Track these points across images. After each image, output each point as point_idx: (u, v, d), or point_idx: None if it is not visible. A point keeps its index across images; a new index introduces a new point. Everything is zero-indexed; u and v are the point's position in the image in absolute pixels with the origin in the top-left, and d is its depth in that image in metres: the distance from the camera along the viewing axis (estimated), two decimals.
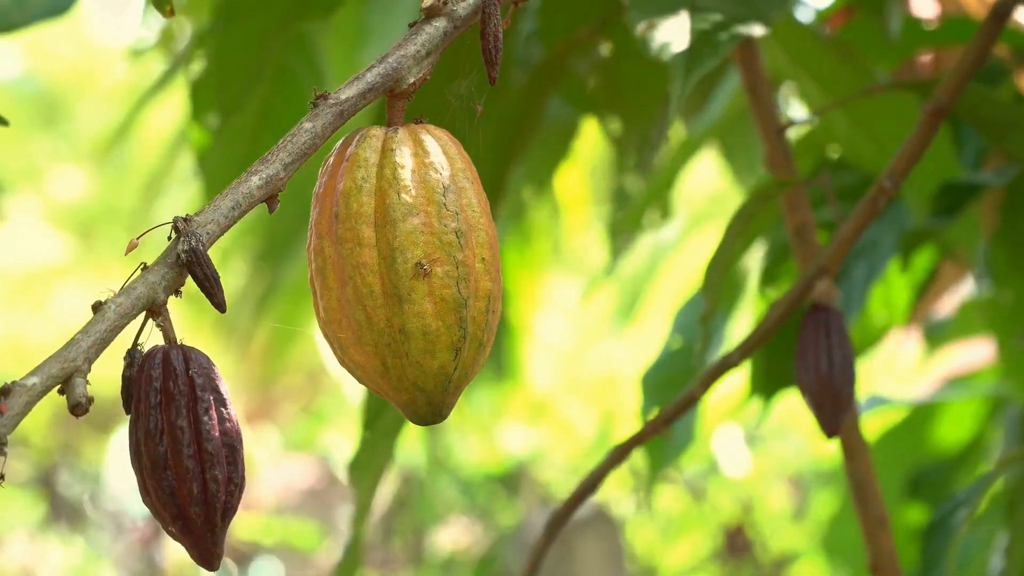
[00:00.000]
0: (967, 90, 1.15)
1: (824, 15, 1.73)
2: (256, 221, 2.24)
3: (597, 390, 4.73)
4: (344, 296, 0.78)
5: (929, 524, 1.45)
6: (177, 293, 0.72)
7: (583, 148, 2.22)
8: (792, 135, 1.73)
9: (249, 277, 2.18)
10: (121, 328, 0.69)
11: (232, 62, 1.51)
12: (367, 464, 1.42)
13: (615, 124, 1.78)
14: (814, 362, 1.11)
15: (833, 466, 2.96)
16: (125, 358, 0.72)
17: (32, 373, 0.67)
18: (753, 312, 1.75)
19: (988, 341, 2.22)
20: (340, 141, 0.81)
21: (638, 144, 1.80)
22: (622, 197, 1.90)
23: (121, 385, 0.72)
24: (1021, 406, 1.96)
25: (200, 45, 1.56)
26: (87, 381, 0.67)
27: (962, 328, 2.15)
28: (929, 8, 1.71)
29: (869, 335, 1.72)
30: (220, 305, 0.72)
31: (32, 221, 5.89)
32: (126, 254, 0.73)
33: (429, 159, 0.78)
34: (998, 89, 1.60)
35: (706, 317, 1.19)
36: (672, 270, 2.87)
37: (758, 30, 1.17)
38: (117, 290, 0.71)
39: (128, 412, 0.72)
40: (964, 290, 2.09)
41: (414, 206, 0.77)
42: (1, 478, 0.65)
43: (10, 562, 5.66)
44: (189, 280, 0.73)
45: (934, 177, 1.46)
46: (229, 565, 5.43)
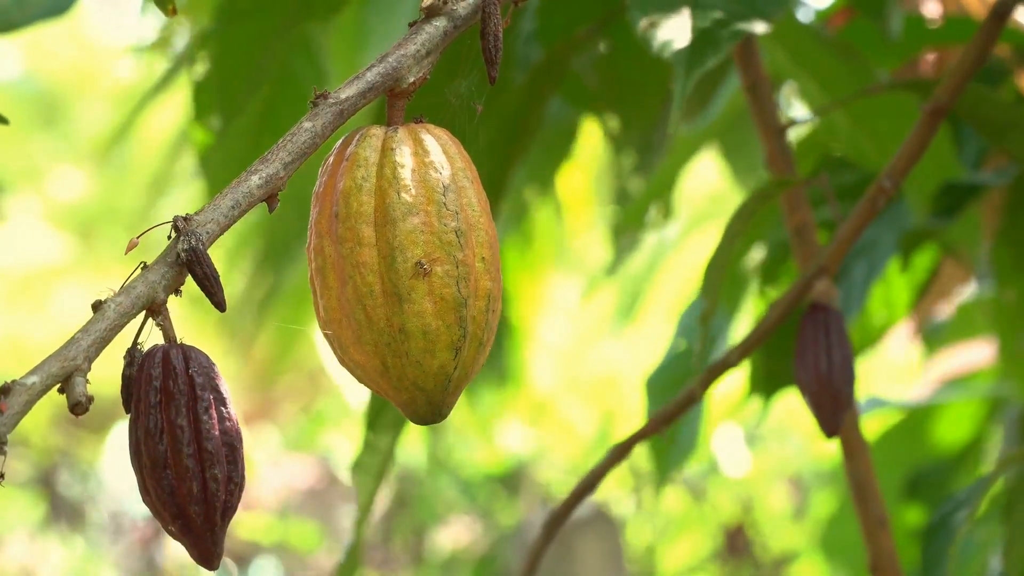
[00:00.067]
0: (967, 90, 1.15)
1: (824, 15, 1.73)
2: (260, 223, 2.24)
3: (597, 390, 4.72)
4: (344, 295, 0.78)
5: (930, 525, 1.45)
6: (177, 292, 0.72)
7: (586, 149, 2.22)
8: (793, 136, 1.73)
9: (251, 279, 2.18)
10: (121, 327, 0.69)
11: (234, 63, 1.51)
12: (369, 465, 1.42)
13: (615, 123, 1.78)
14: (813, 361, 1.11)
15: (833, 466, 2.96)
16: (125, 357, 0.72)
17: (32, 372, 0.67)
18: (754, 312, 1.74)
19: (986, 343, 2.22)
20: (340, 140, 0.81)
21: (639, 144, 1.80)
22: (624, 198, 1.90)
23: (121, 384, 0.72)
24: (1021, 406, 1.96)
25: (202, 46, 1.56)
26: (87, 380, 0.67)
27: (960, 330, 2.15)
28: (932, 7, 1.71)
29: (869, 335, 1.72)
30: (220, 304, 0.72)
31: (32, 221, 5.89)
32: (126, 253, 0.73)
33: (429, 158, 0.78)
34: (998, 89, 1.60)
35: (705, 317, 1.19)
36: (672, 270, 2.86)
37: (760, 27, 1.17)
38: (117, 289, 0.71)
39: (128, 411, 0.72)
40: (965, 292, 2.08)
41: (414, 205, 0.77)
42: (1, 477, 0.65)
43: (10, 562, 5.65)
44: (191, 282, 0.73)
45: (934, 177, 1.46)
46: (229, 565, 5.43)
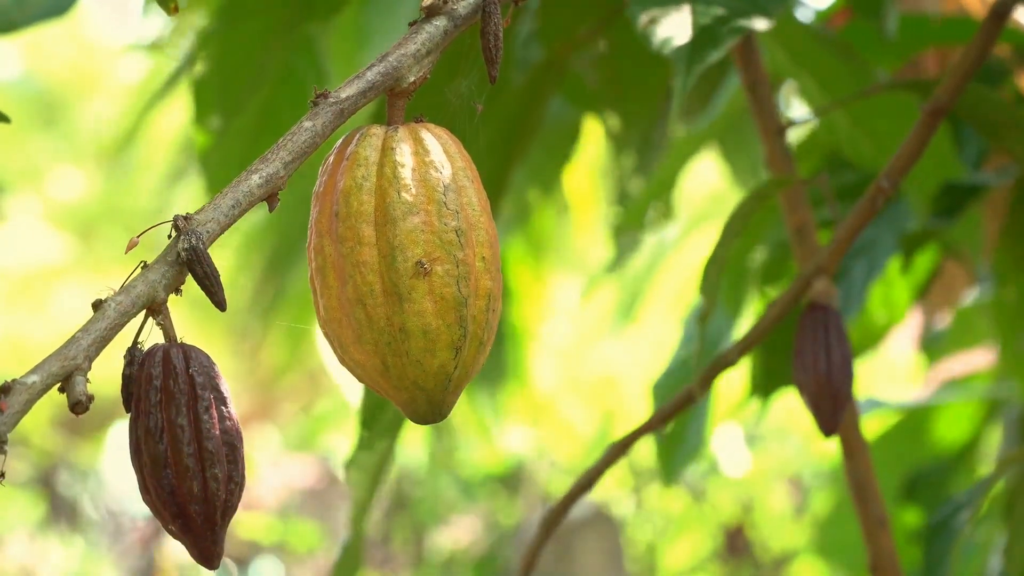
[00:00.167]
0: (967, 90, 1.15)
1: (824, 15, 1.73)
2: (267, 226, 2.24)
3: (597, 390, 4.72)
4: (344, 295, 0.78)
5: (931, 525, 1.45)
6: (177, 291, 0.72)
7: (591, 148, 2.22)
8: (795, 137, 1.73)
9: (259, 281, 2.18)
10: (121, 326, 0.69)
11: (235, 63, 1.51)
12: (365, 463, 1.42)
13: (616, 123, 1.78)
14: (812, 361, 1.11)
15: (833, 466, 2.96)
16: (125, 356, 0.72)
17: (32, 371, 0.67)
18: (756, 313, 1.74)
19: (986, 349, 2.22)
20: (340, 140, 0.81)
21: (639, 144, 1.80)
22: (624, 197, 1.90)
23: (121, 383, 0.72)
24: (1021, 407, 1.96)
25: (203, 46, 1.56)
26: (87, 379, 0.67)
27: (960, 336, 2.14)
28: (934, 6, 1.71)
29: (870, 335, 1.72)
30: (220, 304, 0.72)
31: (32, 221, 5.90)
32: (126, 252, 0.73)
33: (429, 158, 0.78)
34: (998, 89, 1.60)
35: (704, 316, 1.19)
36: (672, 270, 2.86)
37: (760, 24, 1.17)
38: (117, 288, 0.71)
39: (128, 410, 0.72)
40: (969, 295, 2.08)
41: (414, 205, 0.77)
42: (1, 476, 0.65)
43: (10, 562, 5.65)
44: (196, 286, 0.72)
45: (935, 177, 1.46)
46: (229, 565, 5.43)
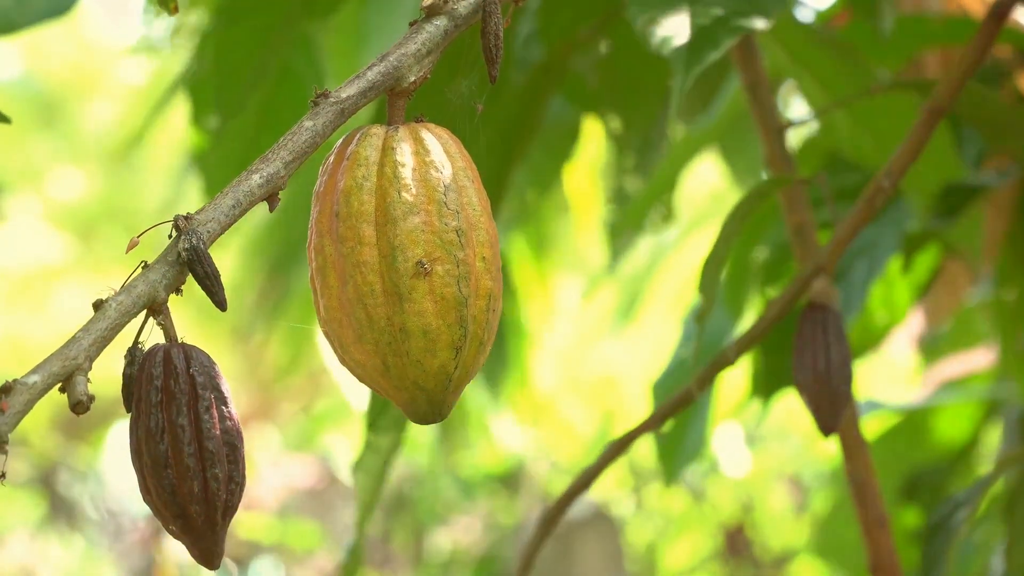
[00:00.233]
0: (967, 90, 1.15)
1: (825, 16, 1.73)
2: (273, 227, 2.24)
3: (597, 390, 4.72)
4: (345, 295, 0.78)
5: (930, 525, 1.44)
6: (178, 291, 0.72)
7: (591, 148, 2.22)
8: (796, 138, 1.73)
9: (263, 284, 2.18)
10: (122, 326, 0.69)
11: (234, 62, 1.51)
12: (370, 466, 1.42)
13: (615, 123, 1.78)
14: (811, 361, 1.11)
15: (833, 466, 2.95)
16: (126, 356, 0.72)
17: (33, 371, 0.67)
18: (755, 312, 1.74)
19: (985, 349, 2.22)
20: (341, 140, 0.81)
21: (638, 144, 1.80)
22: (622, 197, 1.90)
23: (122, 383, 0.72)
24: (1021, 407, 1.95)
25: (201, 45, 1.56)
26: (88, 379, 0.67)
27: (958, 338, 2.14)
28: (938, 6, 1.71)
29: (871, 336, 1.72)
30: (221, 303, 0.72)
31: (32, 221, 5.89)
32: (127, 252, 0.73)
33: (430, 158, 0.78)
34: (999, 89, 1.60)
35: (702, 315, 1.19)
36: (671, 269, 2.86)
37: (759, 24, 1.17)
38: (118, 288, 0.71)
39: (129, 410, 0.72)
40: (973, 295, 2.08)
41: (415, 205, 0.77)
42: (2, 476, 0.65)
43: (10, 562, 5.65)
44: (196, 285, 0.72)
45: (936, 178, 1.46)
46: (229, 565, 5.43)
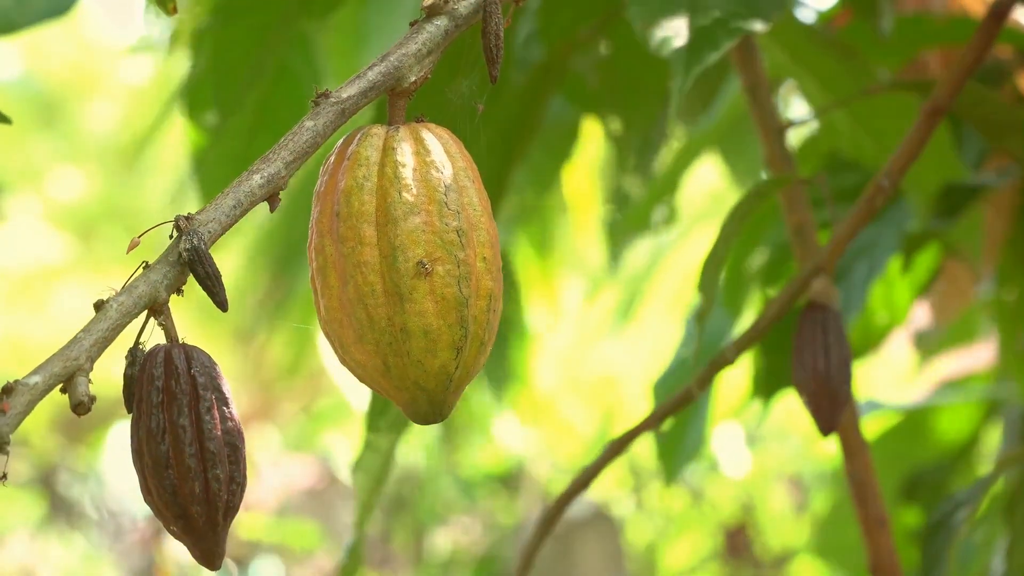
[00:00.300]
0: (967, 90, 1.15)
1: (826, 16, 1.73)
2: (277, 228, 2.23)
3: (597, 389, 4.72)
4: (345, 295, 0.78)
5: (930, 525, 1.44)
6: (179, 292, 0.72)
7: (591, 148, 2.22)
8: (796, 138, 1.73)
9: (267, 285, 2.18)
10: (123, 327, 0.69)
11: (231, 61, 1.51)
12: (370, 466, 1.42)
13: (615, 123, 1.78)
14: (811, 360, 1.11)
15: (833, 466, 2.96)
16: (127, 357, 0.72)
17: (34, 372, 0.67)
18: (755, 312, 1.74)
19: (982, 348, 2.22)
20: (341, 140, 0.81)
21: (638, 145, 1.80)
22: (621, 197, 1.90)
23: (123, 384, 0.72)
24: (1021, 406, 1.95)
25: (199, 43, 1.55)
26: (89, 380, 0.67)
27: (955, 336, 2.14)
28: (941, 5, 1.70)
29: (870, 336, 1.72)
30: (222, 304, 0.72)
31: (32, 221, 5.89)
32: (128, 252, 0.73)
33: (430, 158, 0.78)
34: (1000, 90, 1.60)
35: (701, 314, 1.19)
36: (671, 269, 2.86)
37: (758, 26, 1.17)
38: (119, 289, 0.71)
39: (130, 411, 0.72)
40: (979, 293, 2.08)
41: (415, 205, 0.77)
42: (4, 477, 0.64)
43: (10, 562, 5.65)
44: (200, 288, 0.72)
45: (935, 177, 1.46)
46: (229, 565, 5.43)
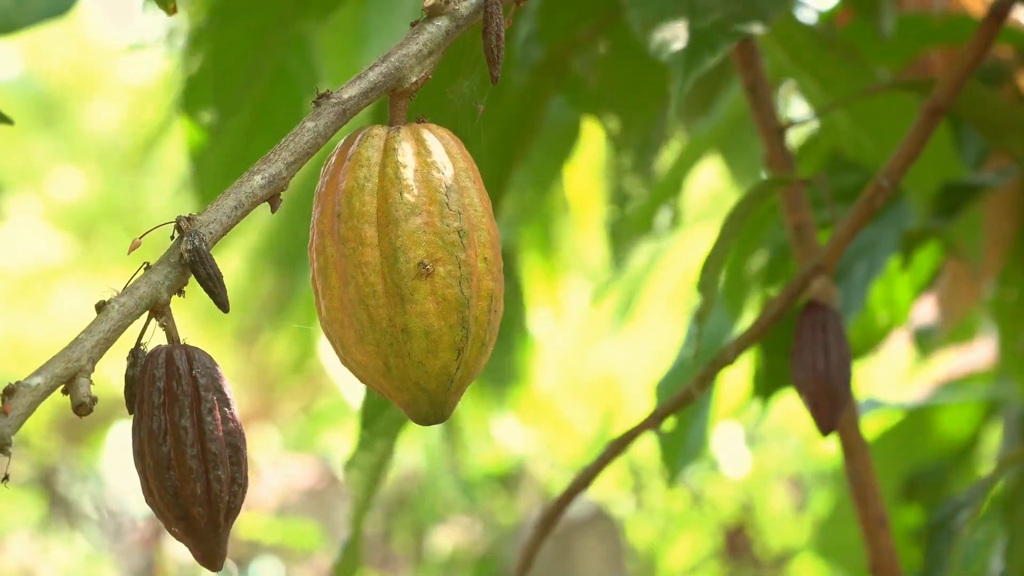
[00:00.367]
0: (967, 90, 1.15)
1: (828, 16, 1.73)
2: (280, 229, 2.23)
3: (597, 389, 4.72)
4: (346, 296, 0.78)
5: (931, 525, 1.44)
6: (180, 292, 0.72)
7: (594, 148, 2.22)
8: (797, 139, 1.72)
9: (271, 286, 2.18)
10: (125, 328, 0.69)
11: (230, 62, 1.51)
12: (365, 463, 1.42)
13: (615, 124, 1.78)
14: (811, 360, 1.11)
15: (833, 466, 2.96)
16: (128, 358, 0.72)
17: (36, 373, 0.67)
18: (755, 312, 1.74)
19: (982, 347, 2.22)
20: (342, 140, 0.81)
21: (638, 145, 1.80)
22: (622, 197, 1.90)
23: (124, 385, 0.72)
24: (1021, 406, 1.95)
25: (197, 43, 1.55)
26: (91, 381, 0.67)
27: (954, 334, 2.14)
28: (943, 5, 1.70)
29: (870, 336, 1.72)
30: (223, 305, 0.72)
31: (32, 221, 5.89)
32: (129, 253, 0.73)
33: (431, 158, 0.78)
34: (1001, 90, 1.60)
35: (702, 315, 1.19)
36: (669, 269, 2.86)
37: (758, 29, 1.17)
38: (120, 290, 0.71)
39: (131, 412, 0.72)
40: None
41: (416, 205, 0.77)
42: (6, 479, 0.65)
43: (10, 562, 5.65)
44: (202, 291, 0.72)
45: (935, 177, 1.46)
46: (229, 565, 5.43)
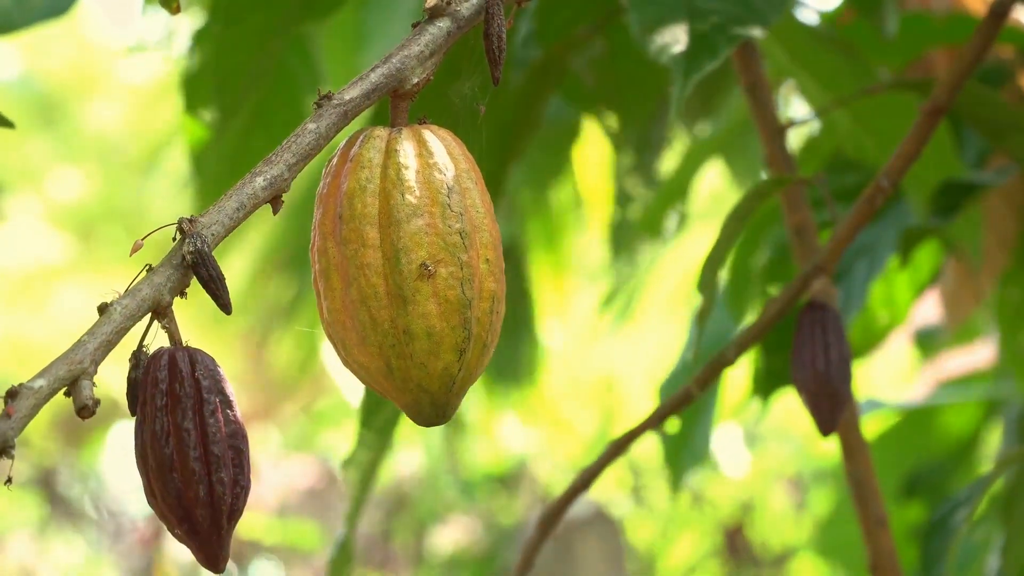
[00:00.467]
0: (968, 90, 1.15)
1: (830, 16, 1.73)
2: (285, 231, 2.23)
3: (597, 389, 4.72)
4: (348, 297, 0.78)
5: (929, 524, 1.45)
6: (182, 294, 0.72)
7: (603, 147, 2.21)
8: (797, 138, 1.73)
9: (277, 288, 2.18)
10: (127, 330, 0.69)
11: (232, 63, 1.51)
12: (362, 462, 1.43)
13: (614, 123, 1.78)
14: (810, 360, 1.10)
15: (833, 466, 2.96)
16: (131, 360, 0.72)
17: (39, 375, 0.67)
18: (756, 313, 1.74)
19: (983, 345, 2.22)
20: (344, 142, 0.81)
21: (637, 144, 1.80)
22: (623, 197, 1.90)
23: (127, 387, 0.72)
24: (1021, 406, 1.95)
25: (198, 44, 1.55)
26: (93, 383, 0.67)
27: (957, 335, 2.14)
28: (943, 4, 1.71)
29: (871, 336, 1.72)
30: (226, 306, 0.72)
31: (32, 221, 5.89)
32: (131, 255, 0.73)
33: (433, 160, 0.78)
34: (1002, 90, 1.60)
35: (702, 315, 1.19)
36: (669, 268, 2.87)
37: (757, 32, 1.17)
38: (122, 291, 0.71)
39: (134, 414, 0.72)
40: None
41: (418, 207, 0.77)
42: (9, 481, 0.65)
43: (10, 562, 5.65)
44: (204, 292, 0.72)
45: (936, 177, 1.46)
46: (229, 565, 5.43)
